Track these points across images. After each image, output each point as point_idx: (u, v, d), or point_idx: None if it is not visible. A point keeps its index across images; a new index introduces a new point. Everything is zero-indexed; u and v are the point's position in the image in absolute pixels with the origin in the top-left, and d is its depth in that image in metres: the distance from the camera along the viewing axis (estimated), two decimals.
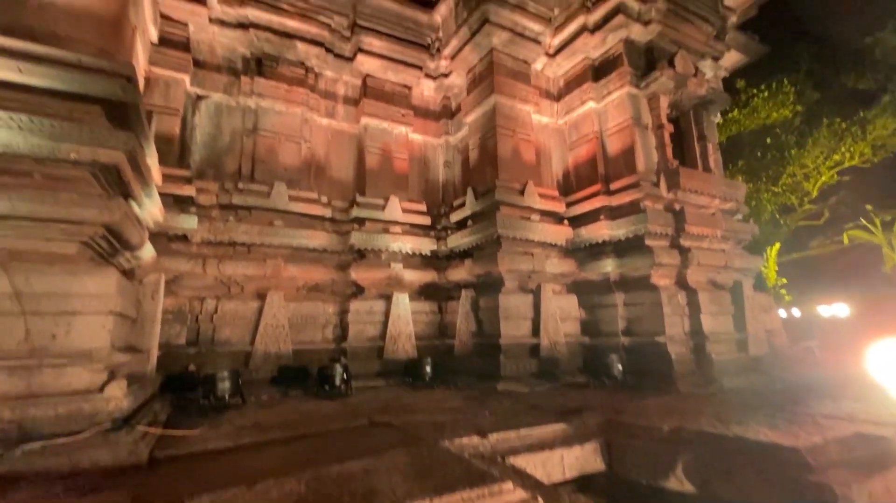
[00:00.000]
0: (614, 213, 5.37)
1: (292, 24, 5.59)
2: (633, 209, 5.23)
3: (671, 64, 5.47)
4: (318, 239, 5.26)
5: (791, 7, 14.24)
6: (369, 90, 6.06)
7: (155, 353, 3.62)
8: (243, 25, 5.48)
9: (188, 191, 4.80)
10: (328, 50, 5.84)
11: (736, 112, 13.46)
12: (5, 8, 2.92)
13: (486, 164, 5.70)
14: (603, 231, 5.31)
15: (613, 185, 5.42)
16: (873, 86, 14.03)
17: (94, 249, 2.89)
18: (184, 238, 4.77)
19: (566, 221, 5.59)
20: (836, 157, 13.51)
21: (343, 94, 6.13)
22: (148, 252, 3.90)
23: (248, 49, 5.60)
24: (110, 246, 3.33)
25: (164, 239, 4.71)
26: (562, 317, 5.24)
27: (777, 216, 13.92)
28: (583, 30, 5.71)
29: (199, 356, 4.55)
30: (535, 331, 4.97)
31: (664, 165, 5.36)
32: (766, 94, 13.28)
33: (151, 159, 3.64)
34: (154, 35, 4.83)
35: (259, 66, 5.58)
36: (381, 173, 5.94)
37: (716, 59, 6.10)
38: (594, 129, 5.78)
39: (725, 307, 5.06)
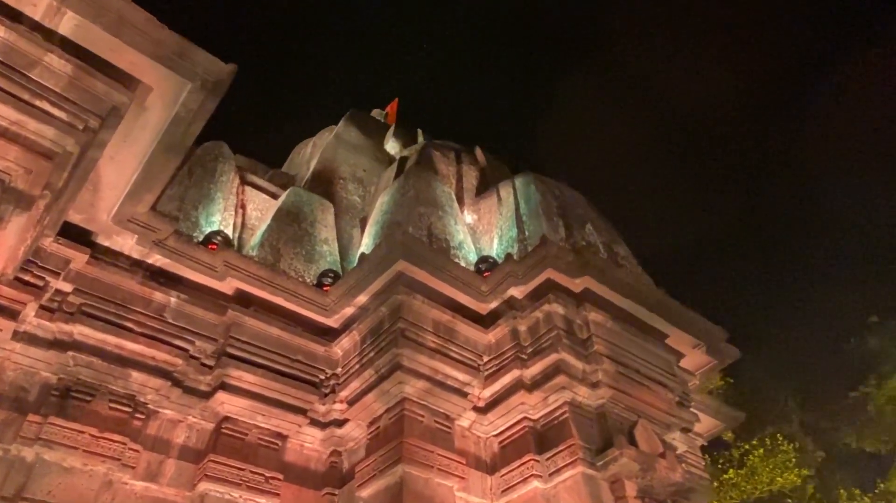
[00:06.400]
0: None
1: (133, 346, 5.58)
2: None
3: (631, 439, 5.85)
4: None
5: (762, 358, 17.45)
6: (223, 439, 5.66)
7: None
8: (62, 345, 5.43)
9: None
10: (177, 383, 5.77)
11: (732, 473, 14.34)
12: None
13: None
14: None
15: None
16: (881, 448, 15.93)
17: None
18: None
19: None
20: None
21: (181, 444, 5.66)
22: None
23: (56, 374, 5.31)
24: None
25: None
26: None
27: None
28: (519, 385, 6.01)
29: None
30: None
31: None
32: (761, 451, 14.59)
33: None
34: None
35: (65, 398, 5.30)
36: None
37: (685, 430, 6.73)
38: None
39: None
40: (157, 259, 6.02)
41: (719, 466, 14.60)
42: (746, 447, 14.84)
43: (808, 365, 18.59)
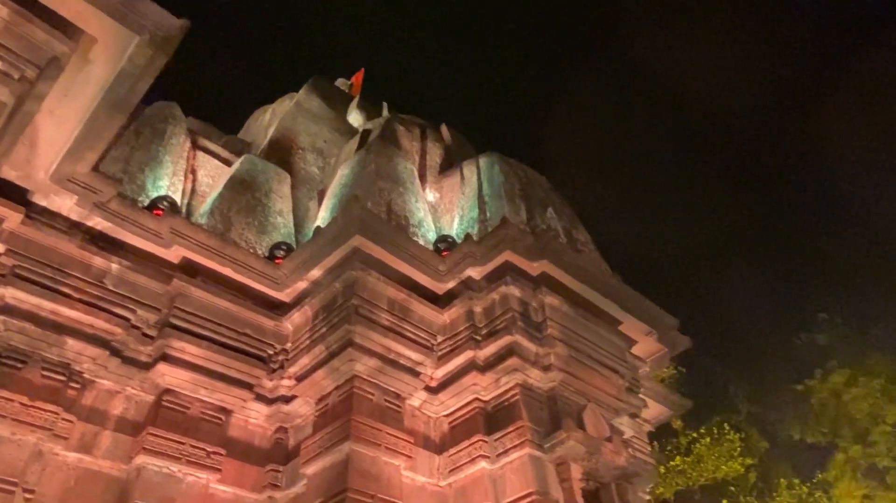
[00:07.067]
0: None
1: (70, 313, 5.43)
2: None
3: (580, 423, 6.03)
4: None
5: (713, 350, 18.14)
6: (164, 412, 5.55)
7: None
8: None
9: None
10: (115, 352, 5.60)
11: (679, 460, 14.98)
12: None
13: None
14: None
15: None
16: (821, 439, 16.84)
17: None
18: None
19: None
20: None
21: (118, 416, 5.52)
22: None
23: None
24: None
25: None
26: None
27: None
28: (471, 366, 6.11)
29: None
30: None
31: None
32: (708, 439, 15.28)
33: None
34: None
35: None
36: None
37: (633, 415, 6.98)
38: (488, 500, 5.56)
39: None
40: (98, 222, 5.86)
41: (667, 453, 15.22)
42: (694, 435, 15.52)
43: (758, 358, 19.44)
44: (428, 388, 6.40)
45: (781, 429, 17.78)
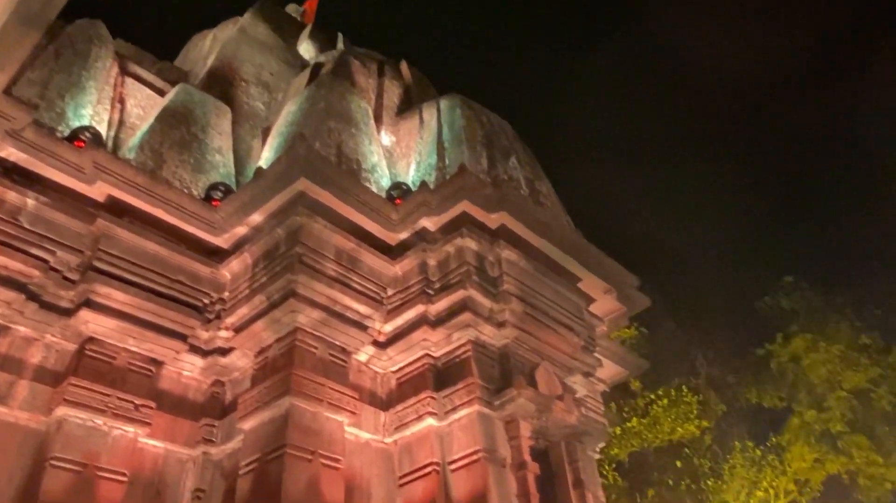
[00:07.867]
0: None
1: None
2: None
3: (532, 380, 6.27)
4: None
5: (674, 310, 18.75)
6: (87, 362, 5.48)
7: None
8: None
9: None
10: (32, 296, 5.49)
11: (635, 421, 15.69)
12: None
13: None
14: None
15: None
16: (778, 403, 17.88)
17: None
18: None
19: None
20: (760, 495, 15.83)
21: (36, 364, 5.43)
22: None
23: None
24: None
25: None
26: None
27: None
28: (422, 321, 6.22)
29: None
30: None
31: None
32: (665, 401, 16.00)
33: None
34: None
35: None
36: None
37: (587, 374, 7.27)
38: (434, 457, 5.75)
39: None
40: (10, 153, 5.64)
41: (624, 414, 15.90)
42: (652, 397, 16.22)
43: (721, 320, 20.27)
44: (376, 343, 6.50)
45: (739, 393, 18.75)
